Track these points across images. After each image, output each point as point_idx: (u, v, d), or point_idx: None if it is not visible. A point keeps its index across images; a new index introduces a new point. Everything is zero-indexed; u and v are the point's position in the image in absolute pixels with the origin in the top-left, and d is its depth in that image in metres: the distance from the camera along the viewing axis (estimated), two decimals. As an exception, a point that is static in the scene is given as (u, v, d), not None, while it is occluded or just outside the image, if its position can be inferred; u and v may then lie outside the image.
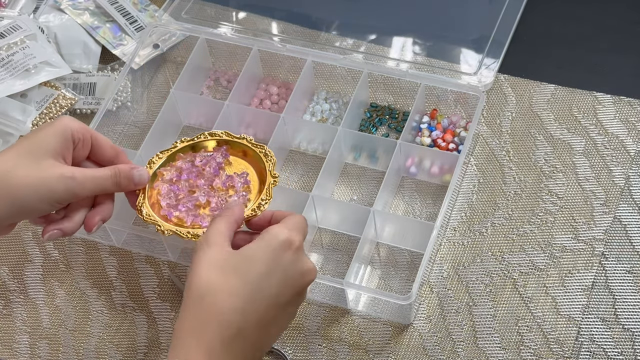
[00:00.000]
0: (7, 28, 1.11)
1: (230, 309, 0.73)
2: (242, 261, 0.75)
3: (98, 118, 1.03)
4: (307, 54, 1.05)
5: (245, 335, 0.74)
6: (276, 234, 0.76)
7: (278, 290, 0.75)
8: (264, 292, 0.74)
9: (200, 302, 0.73)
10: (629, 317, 0.90)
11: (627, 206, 0.96)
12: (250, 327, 0.74)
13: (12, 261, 1.01)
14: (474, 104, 1.02)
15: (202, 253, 0.75)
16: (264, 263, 0.75)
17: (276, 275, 0.75)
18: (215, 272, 0.74)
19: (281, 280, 0.75)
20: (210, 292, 0.73)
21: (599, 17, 1.09)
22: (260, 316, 0.74)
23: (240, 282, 0.74)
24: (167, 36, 1.14)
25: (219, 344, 0.72)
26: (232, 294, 0.73)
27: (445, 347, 0.91)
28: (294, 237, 0.76)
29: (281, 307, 0.76)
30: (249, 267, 0.74)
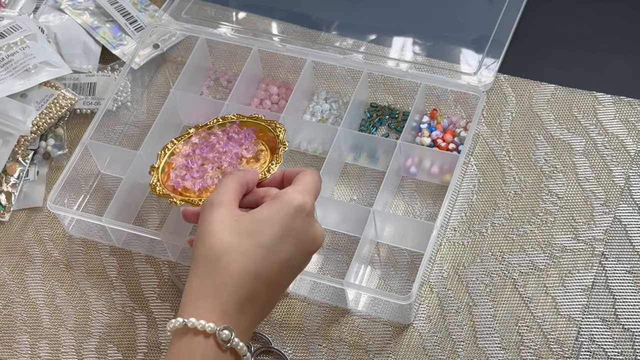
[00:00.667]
0: (7, 28, 1.11)
1: (245, 271, 0.74)
2: (256, 224, 0.75)
3: (98, 118, 1.03)
4: (307, 54, 1.05)
5: (256, 297, 0.74)
6: (290, 199, 0.77)
7: (290, 255, 0.76)
8: (278, 256, 0.75)
9: (214, 263, 0.74)
10: (629, 317, 0.90)
11: (627, 206, 0.96)
12: (262, 289, 0.75)
13: (12, 261, 1.01)
14: (474, 104, 1.02)
15: (212, 213, 0.76)
16: (278, 227, 0.75)
17: (289, 240, 0.76)
18: (229, 234, 0.74)
19: (293, 245, 0.76)
20: (225, 253, 0.74)
21: (599, 16, 1.09)
22: (272, 279, 0.75)
23: (254, 245, 0.74)
24: (167, 36, 1.14)
25: (232, 305, 0.73)
26: (246, 256, 0.74)
27: (445, 347, 0.91)
28: (307, 201, 0.77)
29: (291, 269, 0.77)
30: (262, 231, 0.75)
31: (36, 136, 1.07)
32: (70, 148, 1.08)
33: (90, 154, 1.03)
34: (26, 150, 1.07)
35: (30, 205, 1.05)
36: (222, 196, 0.77)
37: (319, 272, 0.96)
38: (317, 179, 0.80)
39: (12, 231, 1.03)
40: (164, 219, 1.01)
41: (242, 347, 0.74)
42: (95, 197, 1.04)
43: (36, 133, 1.07)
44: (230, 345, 0.73)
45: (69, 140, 1.09)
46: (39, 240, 1.02)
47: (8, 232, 1.03)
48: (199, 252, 0.75)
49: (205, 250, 0.74)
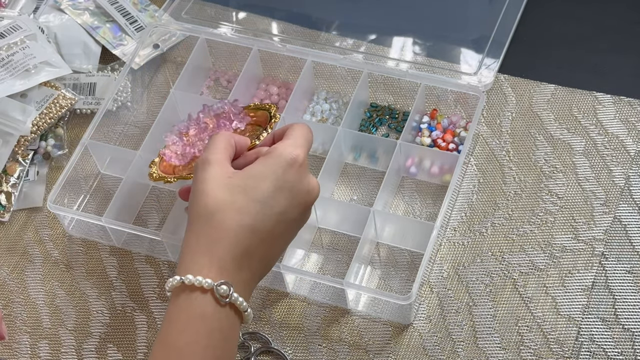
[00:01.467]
0: (7, 28, 1.11)
1: (240, 226, 0.74)
2: (249, 180, 0.76)
3: (98, 118, 1.03)
4: (307, 54, 1.05)
5: (253, 251, 0.75)
6: (281, 153, 0.77)
7: (285, 208, 0.76)
8: (272, 210, 0.75)
9: (209, 220, 0.74)
10: (629, 317, 0.90)
11: (627, 206, 0.96)
12: (259, 244, 0.75)
13: (12, 261, 1.01)
14: (474, 104, 1.02)
15: (204, 171, 0.76)
16: (271, 181, 0.76)
17: (283, 194, 0.76)
18: (222, 191, 0.75)
19: (288, 198, 0.76)
20: (220, 210, 0.74)
21: (599, 17, 1.09)
22: (268, 233, 0.75)
23: (248, 200, 0.75)
24: (167, 36, 1.14)
25: (230, 261, 0.73)
26: (241, 212, 0.74)
27: (445, 347, 0.91)
28: (299, 153, 0.78)
29: (288, 223, 0.77)
30: (256, 186, 0.75)
31: (36, 136, 1.07)
32: (70, 148, 1.08)
33: (90, 154, 1.03)
34: (26, 150, 1.07)
35: (30, 205, 1.05)
36: (213, 155, 0.77)
37: (319, 272, 0.96)
38: (307, 130, 0.81)
39: (12, 231, 1.03)
40: (164, 219, 1.00)
41: (242, 302, 0.74)
42: (95, 197, 1.04)
43: (36, 133, 1.07)
44: (229, 301, 0.73)
45: (69, 140, 1.09)
46: (39, 240, 1.02)
47: (8, 232, 1.03)
48: (194, 210, 0.75)
49: (200, 209, 0.75)
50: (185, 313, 0.73)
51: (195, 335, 0.72)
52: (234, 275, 0.74)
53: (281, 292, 0.95)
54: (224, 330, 0.73)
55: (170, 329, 0.73)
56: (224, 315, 0.73)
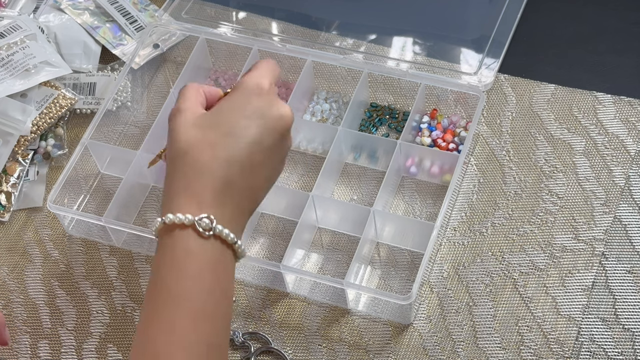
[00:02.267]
0: (7, 28, 1.11)
1: (214, 159, 0.74)
2: (217, 115, 0.76)
3: (98, 118, 1.03)
4: (307, 54, 1.05)
5: (234, 183, 0.74)
6: (244, 82, 0.78)
7: (258, 136, 0.76)
8: (245, 138, 0.75)
9: (183, 159, 0.74)
10: (629, 317, 0.90)
11: (627, 206, 0.96)
12: (237, 175, 0.74)
13: (12, 261, 1.01)
14: (474, 104, 1.02)
15: (175, 119, 0.76)
16: (238, 112, 0.76)
17: (253, 121, 0.76)
18: (193, 130, 0.75)
19: (259, 126, 0.76)
20: (192, 148, 0.74)
21: (599, 17, 1.09)
22: (245, 163, 0.75)
23: (219, 133, 0.75)
24: (167, 36, 1.14)
25: (209, 195, 0.73)
26: (213, 145, 0.74)
27: (445, 347, 0.91)
28: (262, 81, 0.78)
29: (265, 151, 0.76)
30: (225, 119, 0.76)
31: (36, 136, 1.07)
32: (70, 148, 1.08)
33: (90, 154, 1.03)
34: (26, 150, 1.07)
35: (30, 205, 1.05)
36: (183, 104, 0.78)
37: (319, 272, 0.96)
38: (270, 62, 0.81)
39: (12, 231, 1.03)
40: (164, 219, 1.00)
41: (229, 233, 0.73)
42: (95, 197, 1.04)
43: (36, 133, 1.07)
44: (213, 233, 0.72)
45: (69, 140, 1.09)
46: (39, 240, 1.02)
47: (8, 232, 1.03)
48: (169, 156, 0.75)
49: (173, 152, 0.75)
50: (170, 253, 0.72)
51: (183, 272, 0.71)
52: (216, 209, 0.73)
53: (281, 292, 0.95)
54: (213, 264, 0.72)
55: (158, 271, 0.72)
56: (210, 248, 0.72)
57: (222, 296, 0.73)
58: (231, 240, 0.73)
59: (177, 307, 0.70)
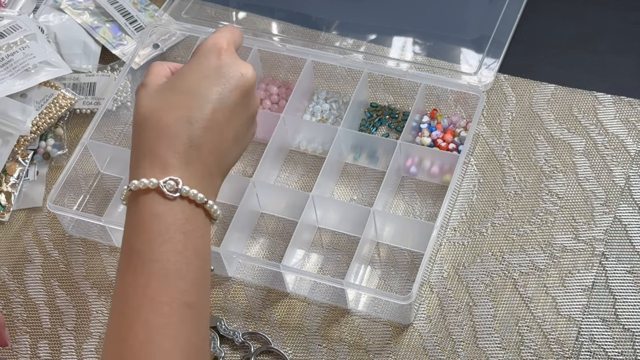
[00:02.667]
0: (7, 28, 1.11)
1: (175, 120, 0.73)
2: (177, 79, 0.76)
3: (98, 118, 1.03)
4: (307, 54, 1.05)
5: (199, 142, 0.73)
6: (202, 44, 0.78)
7: (220, 94, 0.75)
8: (206, 97, 0.74)
9: (145, 124, 0.74)
10: (629, 317, 0.90)
11: (627, 206, 0.96)
12: (202, 134, 0.73)
13: (12, 261, 1.01)
14: (474, 104, 1.02)
15: (139, 92, 0.76)
16: (198, 72, 0.76)
17: (213, 80, 0.75)
18: (154, 97, 0.75)
19: (220, 84, 0.75)
20: (153, 112, 0.74)
21: (599, 17, 1.09)
22: (210, 121, 0.74)
23: (178, 95, 0.74)
24: (167, 36, 1.14)
25: (173, 157, 0.72)
26: (173, 107, 0.74)
27: (445, 347, 0.91)
28: (219, 41, 0.77)
29: (230, 110, 0.75)
30: (185, 81, 0.75)
31: (36, 136, 1.07)
32: (70, 148, 1.08)
33: (90, 154, 1.03)
34: (26, 150, 1.07)
35: (30, 205, 1.05)
36: (147, 77, 0.78)
37: (319, 272, 0.96)
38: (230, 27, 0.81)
39: (12, 231, 1.03)
40: (164, 219, 1.00)
41: (197, 194, 0.72)
42: (95, 197, 1.04)
43: (36, 133, 1.07)
44: (180, 194, 0.71)
45: (69, 140, 1.09)
46: (39, 240, 1.02)
47: (8, 232, 1.03)
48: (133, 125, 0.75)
49: (136, 119, 0.74)
50: (137, 217, 0.71)
51: (150, 234, 0.70)
52: (182, 171, 0.72)
53: (281, 292, 0.95)
54: (181, 224, 0.71)
55: (128, 237, 0.71)
56: (179, 210, 0.71)
57: (194, 256, 0.71)
58: (200, 200, 0.72)
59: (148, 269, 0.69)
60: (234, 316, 0.95)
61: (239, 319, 0.94)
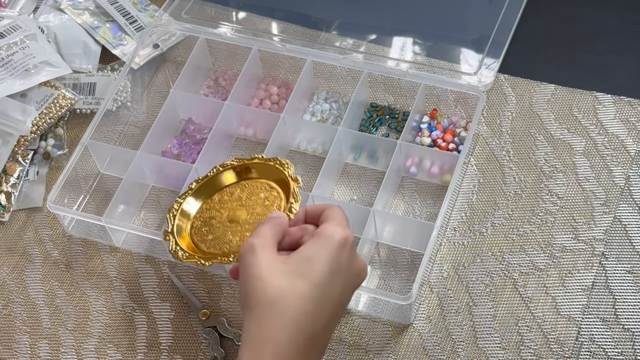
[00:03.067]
0: (7, 28, 1.11)
1: (303, 313, 0.71)
2: (304, 263, 0.73)
3: (98, 118, 1.03)
4: (307, 54, 1.05)
5: (315, 338, 0.72)
6: (332, 234, 0.74)
7: (341, 292, 0.74)
8: (331, 294, 0.73)
9: (270, 308, 0.71)
10: (629, 317, 0.90)
11: (627, 206, 0.96)
12: (320, 331, 0.72)
13: (12, 261, 1.01)
14: (474, 104, 1.02)
15: (256, 257, 0.73)
16: (327, 264, 0.73)
17: (339, 277, 0.73)
18: (280, 277, 0.72)
19: (342, 282, 0.73)
20: (281, 297, 0.71)
21: (599, 17, 1.09)
22: (329, 319, 0.73)
23: (308, 285, 0.72)
24: (167, 36, 1.14)
25: (294, 350, 0.70)
26: (302, 297, 0.71)
27: (445, 347, 0.91)
28: (348, 234, 0.75)
29: (341, 308, 0.75)
30: (312, 269, 0.72)
31: (36, 136, 1.07)
32: (70, 148, 1.08)
33: (90, 154, 1.03)
34: (26, 150, 1.07)
35: (30, 205, 1.05)
36: (262, 239, 0.74)
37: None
38: (344, 212, 0.78)
39: (12, 231, 1.03)
40: (164, 219, 1.00)
41: None
42: (95, 197, 1.04)
43: (36, 133, 1.07)
44: None
45: (69, 140, 1.09)
46: (39, 240, 1.02)
47: (8, 232, 1.03)
48: (253, 297, 0.72)
49: (259, 296, 0.71)
50: None
51: None
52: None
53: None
54: None
55: None
56: None
57: None
58: None
59: None
60: (234, 316, 0.95)
61: (239, 319, 0.94)
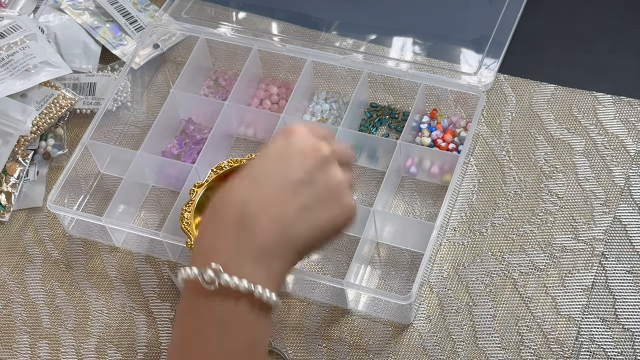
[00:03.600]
0: (7, 28, 1.11)
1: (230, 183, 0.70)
2: (252, 161, 0.72)
3: (98, 118, 1.03)
4: (307, 54, 1.05)
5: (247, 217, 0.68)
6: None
7: (284, 168, 0.70)
8: (271, 173, 0.70)
9: (214, 205, 0.70)
10: (629, 317, 0.90)
11: (627, 206, 0.96)
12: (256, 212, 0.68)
13: (12, 261, 1.01)
14: (474, 104, 1.02)
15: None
16: (270, 148, 0.72)
17: (286, 161, 0.71)
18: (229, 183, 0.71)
19: (294, 169, 0.70)
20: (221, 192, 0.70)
21: (599, 17, 1.09)
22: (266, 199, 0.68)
23: (244, 174, 0.71)
24: (167, 36, 1.14)
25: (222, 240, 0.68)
26: (234, 184, 0.70)
27: (445, 347, 0.91)
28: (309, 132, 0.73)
29: (294, 184, 0.69)
30: (253, 163, 0.71)
31: (36, 136, 1.07)
32: (70, 148, 1.08)
33: (90, 154, 1.03)
34: (26, 150, 1.07)
35: (30, 205, 1.05)
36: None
37: (319, 272, 0.96)
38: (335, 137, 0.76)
39: (12, 231, 1.03)
40: (164, 219, 1.00)
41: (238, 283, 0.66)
42: (95, 197, 1.04)
43: (36, 133, 1.07)
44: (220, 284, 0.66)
45: (69, 140, 1.09)
46: (39, 240, 1.02)
47: (8, 232, 1.03)
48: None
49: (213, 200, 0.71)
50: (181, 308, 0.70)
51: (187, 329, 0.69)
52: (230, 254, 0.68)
53: (281, 293, 0.95)
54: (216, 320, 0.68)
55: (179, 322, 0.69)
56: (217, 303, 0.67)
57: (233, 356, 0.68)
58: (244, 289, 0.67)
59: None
60: (234, 316, 0.95)
61: (239, 319, 0.94)
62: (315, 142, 0.72)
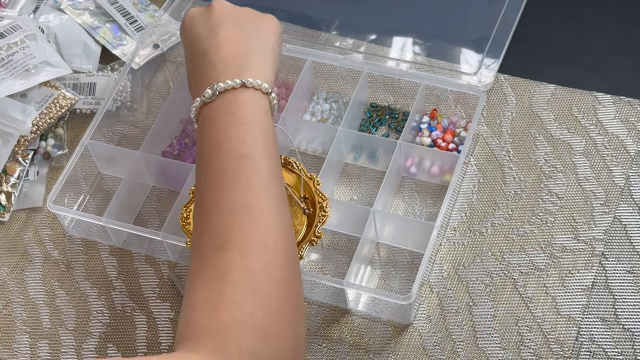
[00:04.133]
0: (7, 28, 1.11)
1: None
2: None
3: (98, 118, 1.03)
4: (307, 54, 1.05)
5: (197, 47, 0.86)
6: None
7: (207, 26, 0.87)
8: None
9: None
10: (629, 317, 0.90)
11: (627, 206, 0.96)
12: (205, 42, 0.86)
13: (12, 261, 1.01)
14: (474, 104, 1.02)
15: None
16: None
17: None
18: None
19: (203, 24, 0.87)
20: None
21: (599, 17, 1.09)
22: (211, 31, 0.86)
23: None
24: (167, 36, 1.14)
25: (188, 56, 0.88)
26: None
27: (445, 347, 0.91)
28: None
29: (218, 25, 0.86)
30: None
31: (36, 136, 1.07)
32: (70, 148, 1.08)
33: (90, 154, 1.03)
34: (26, 150, 1.07)
35: (30, 205, 1.05)
36: None
37: (319, 272, 0.96)
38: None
39: (12, 231, 1.03)
40: (164, 219, 1.00)
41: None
42: (95, 197, 1.04)
43: (36, 133, 1.07)
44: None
45: (69, 140, 1.09)
46: (39, 240, 1.02)
47: (8, 232, 1.03)
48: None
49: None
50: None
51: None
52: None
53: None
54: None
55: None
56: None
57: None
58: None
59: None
60: (234, 316, 0.95)
61: (239, 319, 0.94)
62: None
